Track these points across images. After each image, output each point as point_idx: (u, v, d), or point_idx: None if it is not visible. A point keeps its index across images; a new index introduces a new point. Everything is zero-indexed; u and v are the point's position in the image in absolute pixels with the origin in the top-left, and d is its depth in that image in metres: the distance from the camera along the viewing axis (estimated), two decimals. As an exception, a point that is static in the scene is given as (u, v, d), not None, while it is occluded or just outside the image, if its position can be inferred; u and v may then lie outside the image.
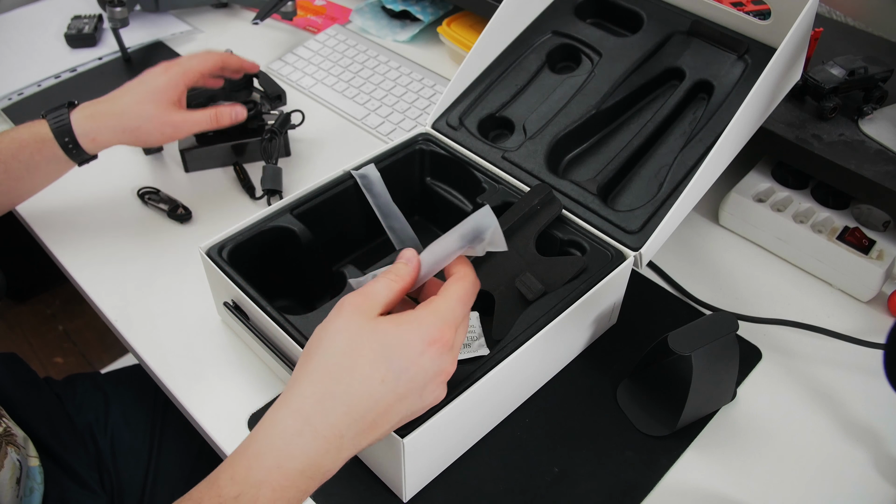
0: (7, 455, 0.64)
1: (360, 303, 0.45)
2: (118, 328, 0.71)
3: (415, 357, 0.43)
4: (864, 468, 0.61)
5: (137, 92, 0.73)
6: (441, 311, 0.45)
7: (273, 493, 0.41)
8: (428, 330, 0.44)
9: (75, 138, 0.70)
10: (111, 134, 0.72)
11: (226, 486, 0.41)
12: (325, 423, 0.42)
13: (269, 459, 0.41)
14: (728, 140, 0.64)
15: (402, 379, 0.43)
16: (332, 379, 0.42)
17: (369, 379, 0.42)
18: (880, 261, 0.73)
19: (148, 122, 0.72)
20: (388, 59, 1.04)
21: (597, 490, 0.59)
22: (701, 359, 0.57)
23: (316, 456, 0.42)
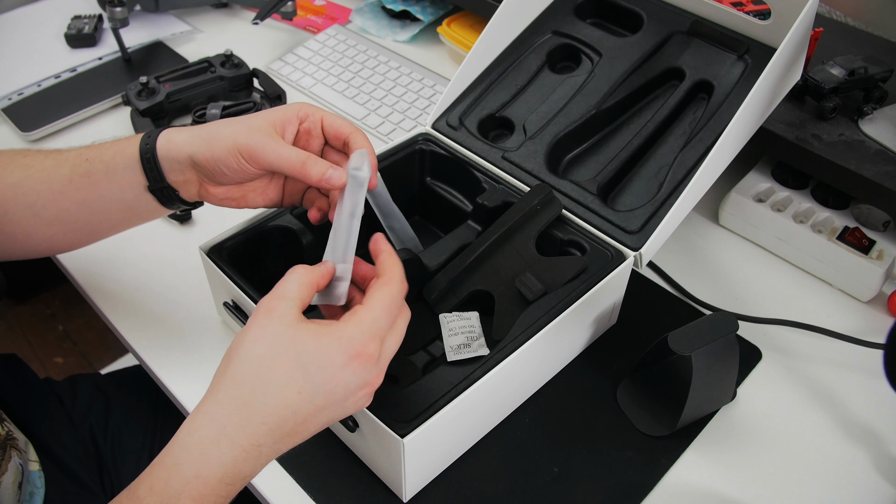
0: (10, 459, 0.64)
1: (275, 307, 0.44)
2: (118, 328, 0.71)
3: (335, 371, 0.43)
4: (864, 468, 0.61)
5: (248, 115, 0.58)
6: (364, 323, 0.44)
7: (192, 501, 0.40)
8: (349, 345, 0.43)
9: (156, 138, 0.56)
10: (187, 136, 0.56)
11: (145, 496, 0.40)
12: (241, 433, 0.41)
13: (187, 469, 0.41)
14: (728, 140, 0.64)
15: (321, 392, 0.43)
16: (249, 388, 0.42)
17: (285, 390, 0.42)
18: (880, 261, 0.73)
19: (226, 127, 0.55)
20: (388, 59, 1.04)
21: (597, 490, 0.59)
22: (701, 359, 0.57)
23: (234, 464, 0.41)
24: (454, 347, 0.58)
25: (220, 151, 0.53)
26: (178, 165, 0.56)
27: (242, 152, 0.53)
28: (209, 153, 0.54)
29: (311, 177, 0.53)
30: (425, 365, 0.62)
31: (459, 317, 0.61)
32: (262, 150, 0.53)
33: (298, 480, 0.59)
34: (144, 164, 0.56)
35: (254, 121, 0.55)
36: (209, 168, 0.54)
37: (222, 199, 0.58)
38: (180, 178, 0.56)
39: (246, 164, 0.54)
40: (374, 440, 0.54)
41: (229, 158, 0.53)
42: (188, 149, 0.55)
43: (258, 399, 0.42)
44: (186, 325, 0.70)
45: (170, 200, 0.58)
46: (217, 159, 0.54)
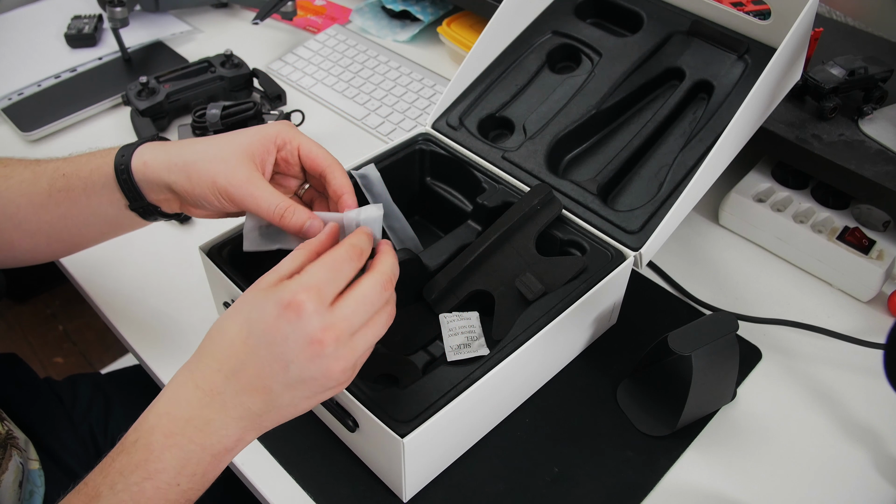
0: (11, 458, 0.64)
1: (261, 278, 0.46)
2: (118, 328, 0.71)
3: (271, 321, 0.43)
4: (864, 468, 0.61)
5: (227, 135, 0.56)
6: (304, 274, 0.44)
7: (164, 438, 0.43)
8: (282, 294, 0.43)
9: (130, 159, 0.55)
10: (163, 163, 0.55)
11: (129, 434, 0.45)
12: (202, 377, 0.44)
13: (160, 407, 0.45)
14: (728, 140, 0.64)
15: (262, 342, 0.43)
16: (211, 340, 0.46)
17: (234, 340, 0.44)
18: (880, 261, 0.73)
19: (204, 161, 0.53)
20: (388, 59, 1.04)
21: (597, 490, 0.59)
22: (701, 359, 0.57)
23: (199, 407, 0.44)
24: (454, 347, 0.58)
25: (200, 189, 0.53)
26: (156, 187, 0.56)
27: (222, 194, 0.53)
28: (188, 187, 0.54)
29: (290, 228, 0.53)
30: (425, 365, 0.62)
31: (459, 317, 0.61)
32: (241, 198, 0.53)
33: (298, 480, 0.59)
34: (122, 186, 0.56)
35: (232, 155, 0.53)
36: (189, 199, 0.55)
37: (207, 215, 0.58)
38: (160, 196, 0.56)
39: (226, 204, 0.54)
40: (374, 440, 0.54)
41: (209, 196, 0.53)
42: (165, 177, 0.55)
43: (216, 348, 0.45)
44: (186, 325, 0.70)
45: (152, 215, 0.59)
46: (196, 195, 0.54)
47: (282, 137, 0.55)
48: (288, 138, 0.55)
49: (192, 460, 0.44)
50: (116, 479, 0.43)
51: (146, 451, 0.43)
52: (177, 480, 0.43)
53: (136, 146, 0.56)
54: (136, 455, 0.43)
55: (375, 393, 0.52)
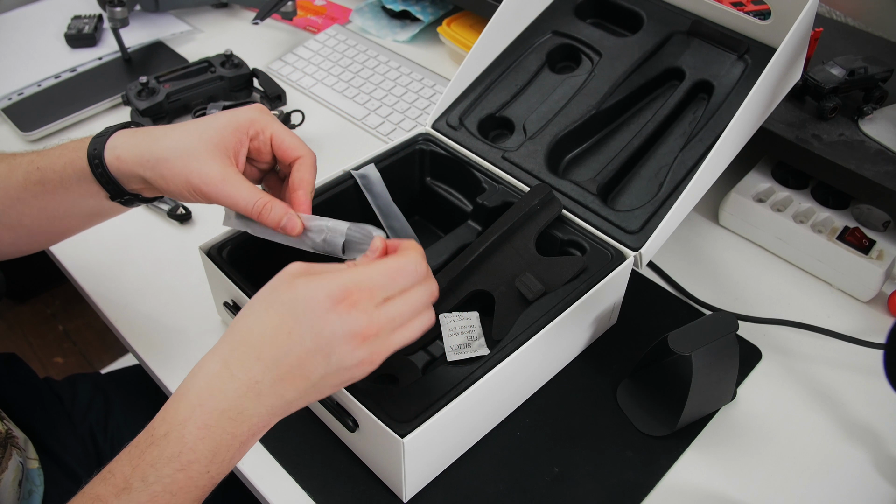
0: (11, 457, 0.64)
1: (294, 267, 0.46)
2: (118, 328, 0.71)
3: (321, 314, 0.44)
4: (864, 468, 0.61)
5: (197, 123, 0.55)
6: (358, 273, 0.45)
7: (198, 430, 0.43)
8: (336, 289, 0.44)
9: (103, 153, 0.55)
10: (136, 158, 0.54)
11: (158, 426, 0.44)
12: (239, 367, 0.44)
13: (192, 398, 0.44)
14: (728, 140, 0.64)
15: (309, 333, 0.44)
16: (247, 329, 0.45)
17: (278, 330, 0.44)
18: (880, 261, 0.73)
19: (177, 158, 0.53)
20: (388, 59, 1.04)
21: (597, 490, 0.59)
22: (701, 359, 0.57)
23: (235, 398, 0.44)
24: (454, 347, 0.58)
25: (174, 186, 0.53)
26: (133, 179, 0.55)
27: (196, 192, 0.53)
28: (163, 184, 0.54)
29: (267, 224, 0.54)
30: (425, 365, 0.62)
31: (459, 317, 0.61)
32: (217, 196, 0.53)
33: (298, 480, 0.59)
34: (99, 179, 0.56)
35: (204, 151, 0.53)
36: (165, 192, 0.55)
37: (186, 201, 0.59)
38: (139, 186, 0.56)
39: (201, 200, 0.54)
40: (374, 440, 0.54)
41: (184, 194, 0.54)
42: (139, 171, 0.54)
43: (255, 338, 0.45)
44: (186, 325, 0.70)
45: (133, 203, 0.59)
46: (171, 192, 0.54)
47: (255, 128, 0.55)
48: (261, 128, 0.55)
49: (222, 448, 0.44)
50: (148, 471, 0.42)
51: (179, 444, 0.43)
52: (207, 468, 0.44)
53: (106, 137, 0.55)
54: (168, 448, 0.43)
55: (375, 393, 0.52)
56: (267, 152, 0.57)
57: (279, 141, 0.56)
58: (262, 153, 0.56)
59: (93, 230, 0.79)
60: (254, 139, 0.55)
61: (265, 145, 0.56)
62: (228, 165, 0.53)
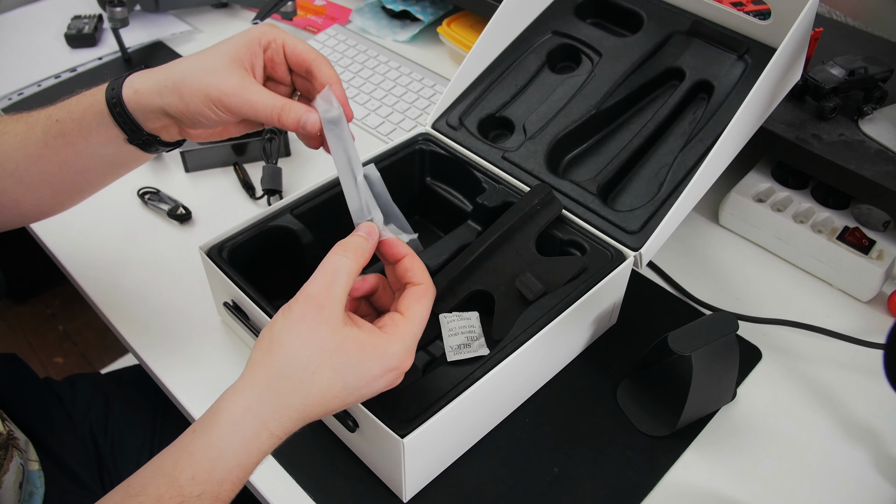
0: (12, 459, 0.64)
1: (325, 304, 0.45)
2: (118, 328, 0.71)
3: (372, 380, 0.47)
4: (864, 468, 0.61)
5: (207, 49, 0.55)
6: (407, 339, 0.47)
7: (233, 486, 0.44)
8: (391, 361, 0.47)
9: (121, 90, 0.54)
10: (154, 87, 0.54)
11: (187, 485, 0.43)
12: (279, 427, 0.45)
13: (230, 460, 0.44)
14: (728, 140, 0.64)
15: (354, 395, 0.47)
16: (291, 390, 0.45)
17: (325, 393, 0.45)
18: (880, 261, 0.73)
19: (194, 76, 0.52)
20: (388, 59, 1.04)
21: (597, 490, 0.59)
22: (701, 359, 0.57)
23: (269, 449, 0.45)
24: (454, 347, 0.58)
25: (194, 105, 0.52)
26: (151, 115, 0.55)
27: (217, 105, 0.52)
28: (182, 106, 0.53)
29: (287, 125, 0.53)
30: (425, 365, 0.62)
31: (459, 317, 0.61)
32: (237, 105, 0.52)
33: (298, 480, 0.59)
34: (117, 119, 0.55)
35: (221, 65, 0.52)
36: (185, 118, 0.54)
37: (206, 137, 0.58)
38: (157, 124, 0.55)
39: (222, 114, 0.53)
40: (374, 440, 0.54)
41: (205, 111, 0.53)
42: (158, 100, 0.54)
43: (300, 401, 0.45)
44: (186, 325, 0.70)
45: (152, 146, 0.58)
46: (192, 112, 0.53)
47: (266, 38, 0.54)
48: (272, 37, 0.55)
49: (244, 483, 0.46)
50: None
51: (213, 500, 0.43)
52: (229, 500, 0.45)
53: (124, 78, 0.55)
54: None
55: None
56: (281, 63, 0.56)
57: (292, 48, 0.55)
58: (277, 64, 0.56)
59: (92, 229, 0.80)
60: (266, 49, 0.55)
61: (278, 55, 0.55)
62: (246, 76, 0.53)
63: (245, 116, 0.53)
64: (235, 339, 0.69)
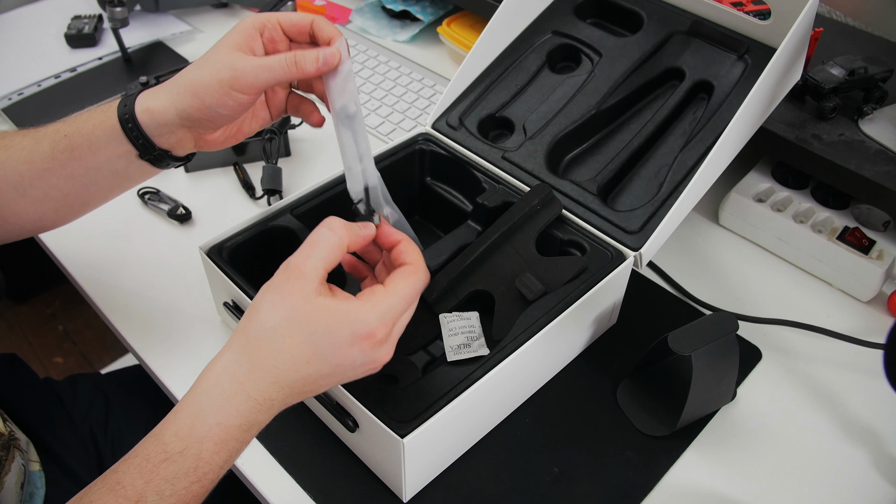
0: (13, 459, 0.64)
1: (302, 272, 0.46)
2: (118, 328, 0.71)
3: (343, 348, 0.46)
4: (864, 468, 0.61)
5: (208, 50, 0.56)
6: (380, 307, 0.47)
7: (214, 445, 0.45)
8: (362, 326, 0.46)
9: (134, 107, 0.55)
10: (166, 100, 0.55)
11: (171, 441, 0.44)
12: (256, 390, 0.45)
13: (209, 417, 0.45)
14: (728, 140, 0.64)
15: (329, 363, 0.46)
16: (263, 353, 0.46)
17: (296, 358, 0.46)
18: (880, 261, 0.73)
19: (205, 71, 0.53)
20: (388, 59, 1.04)
21: (597, 490, 0.59)
22: (701, 359, 0.57)
23: (250, 413, 0.46)
24: (454, 347, 0.58)
25: (210, 97, 0.53)
26: (166, 129, 0.55)
27: (234, 86, 0.52)
28: (198, 103, 0.53)
29: (308, 70, 0.53)
30: (425, 365, 0.62)
31: (459, 317, 0.61)
32: (253, 75, 0.52)
33: (298, 480, 0.59)
34: (129, 136, 0.56)
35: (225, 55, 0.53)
36: (205, 117, 0.54)
37: (222, 142, 0.59)
38: (172, 139, 0.56)
39: (241, 96, 0.53)
40: (374, 440, 0.54)
41: (223, 98, 0.53)
42: (174, 109, 0.54)
43: (271, 363, 0.46)
44: (186, 325, 0.70)
45: (163, 160, 0.58)
46: (210, 106, 0.53)
47: (260, 21, 0.56)
48: (265, 19, 0.56)
49: (234, 455, 0.46)
50: (163, 486, 0.43)
51: (196, 460, 0.44)
52: (218, 474, 0.46)
53: (135, 95, 0.56)
54: (184, 464, 0.44)
55: (375, 393, 0.52)
56: (281, 40, 0.56)
57: (287, 21, 0.56)
58: (277, 42, 0.56)
59: (93, 230, 0.80)
60: (263, 32, 0.56)
61: (277, 33, 0.56)
62: (251, 54, 0.54)
63: (265, 85, 0.53)
64: (235, 339, 0.69)
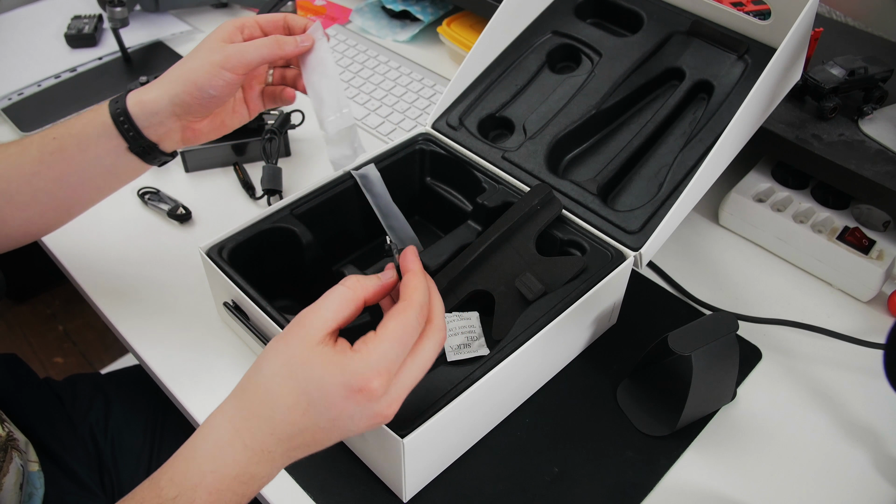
0: (12, 460, 0.64)
1: (306, 322, 0.44)
2: (118, 328, 0.71)
3: (336, 401, 0.43)
4: (864, 468, 0.61)
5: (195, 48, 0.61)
6: (371, 357, 0.43)
7: (209, 495, 0.43)
8: (352, 379, 0.42)
9: (126, 103, 0.58)
10: (158, 92, 0.58)
11: (166, 486, 0.43)
12: (252, 439, 0.43)
13: (204, 464, 0.43)
14: (728, 140, 0.64)
15: (324, 417, 0.43)
16: (259, 401, 0.44)
17: (292, 409, 0.43)
18: (880, 261, 0.73)
19: (194, 60, 0.58)
20: (388, 59, 1.04)
21: (597, 490, 0.59)
22: (701, 359, 0.57)
23: (247, 465, 0.44)
24: (454, 347, 0.58)
25: (204, 78, 0.58)
26: (157, 119, 0.59)
27: (224, 66, 0.58)
28: (192, 86, 0.58)
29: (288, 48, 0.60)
30: (425, 365, 0.61)
31: (459, 317, 0.61)
32: (240, 53, 0.58)
33: (298, 480, 0.59)
34: (120, 128, 0.58)
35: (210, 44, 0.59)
36: (195, 101, 0.58)
37: (207, 132, 0.62)
38: (161, 130, 0.59)
39: (230, 75, 0.58)
40: (374, 440, 0.54)
41: (214, 79, 0.58)
42: (167, 97, 0.58)
43: (267, 413, 0.44)
44: (186, 325, 0.70)
45: (151, 155, 0.61)
46: (202, 87, 0.58)
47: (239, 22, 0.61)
48: (244, 20, 0.61)
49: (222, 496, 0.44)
50: None
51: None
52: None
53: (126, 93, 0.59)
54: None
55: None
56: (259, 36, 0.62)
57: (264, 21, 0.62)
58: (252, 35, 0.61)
59: (92, 229, 0.80)
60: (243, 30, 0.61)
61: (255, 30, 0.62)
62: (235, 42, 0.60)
63: (252, 63, 0.59)
64: (235, 339, 0.69)
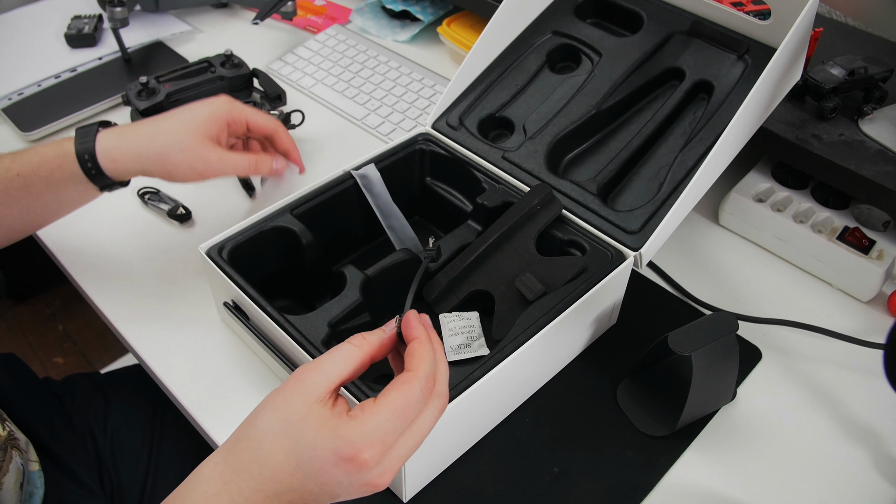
0: (12, 459, 0.64)
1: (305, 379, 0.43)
2: (118, 328, 0.71)
3: (326, 466, 0.41)
4: (864, 468, 0.61)
5: (175, 118, 0.65)
6: (366, 426, 0.41)
7: None
8: (344, 446, 0.41)
9: (95, 157, 0.63)
10: (133, 158, 0.63)
11: None
12: (239, 494, 0.42)
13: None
14: (728, 140, 0.64)
15: (313, 480, 0.42)
16: (250, 456, 0.43)
17: (281, 467, 0.42)
18: (880, 261, 0.73)
19: (177, 153, 0.63)
20: (388, 59, 1.04)
21: (597, 490, 0.59)
22: (701, 359, 0.57)
23: None
24: (454, 347, 0.58)
25: (180, 174, 0.65)
26: (129, 172, 0.65)
27: (203, 174, 0.65)
28: (167, 175, 0.65)
29: (262, 172, 0.69)
30: (425, 365, 0.61)
31: (459, 317, 0.61)
32: (219, 168, 0.65)
33: (298, 480, 0.59)
34: (93, 179, 0.64)
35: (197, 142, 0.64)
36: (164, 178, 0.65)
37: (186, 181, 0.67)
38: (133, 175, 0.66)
39: (204, 178, 0.65)
40: (374, 440, 0.54)
41: (187, 175, 0.65)
42: (140, 167, 0.65)
43: (256, 469, 0.42)
44: (186, 325, 0.70)
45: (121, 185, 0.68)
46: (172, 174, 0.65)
47: (231, 115, 0.67)
48: (236, 115, 0.67)
49: None
50: None
51: None
52: None
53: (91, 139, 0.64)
54: None
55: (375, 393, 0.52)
56: (241, 132, 0.69)
57: (254, 123, 0.69)
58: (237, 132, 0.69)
59: (92, 229, 0.80)
60: (231, 125, 0.67)
61: (241, 127, 0.69)
62: (220, 147, 0.66)
63: (225, 175, 0.67)
64: (235, 339, 0.69)
